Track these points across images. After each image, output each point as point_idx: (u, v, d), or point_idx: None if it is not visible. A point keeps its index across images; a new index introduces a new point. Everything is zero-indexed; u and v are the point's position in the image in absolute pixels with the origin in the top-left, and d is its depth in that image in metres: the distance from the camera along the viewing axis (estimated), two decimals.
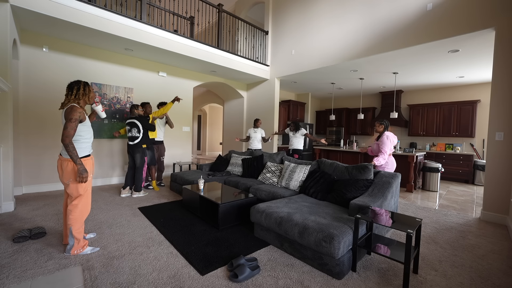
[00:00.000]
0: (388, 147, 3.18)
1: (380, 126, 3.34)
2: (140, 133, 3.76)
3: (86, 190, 2.04)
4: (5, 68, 2.87)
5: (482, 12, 3.19)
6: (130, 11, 6.48)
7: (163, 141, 4.64)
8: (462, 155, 5.85)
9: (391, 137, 3.27)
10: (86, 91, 2.07)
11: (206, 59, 4.85)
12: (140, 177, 3.77)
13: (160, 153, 4.59)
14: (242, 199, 2.80)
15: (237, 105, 7.24)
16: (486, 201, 3.19)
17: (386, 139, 3.21)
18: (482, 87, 6.06)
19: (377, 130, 3.37)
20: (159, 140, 4.55)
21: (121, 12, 3.82)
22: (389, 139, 3.23)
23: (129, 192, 3.85)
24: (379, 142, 3.28)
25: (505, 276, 1.89)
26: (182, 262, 1.95)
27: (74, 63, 4.15)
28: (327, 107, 9.24)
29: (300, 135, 5.16)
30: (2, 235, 2.31)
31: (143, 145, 3.80)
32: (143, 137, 3.80)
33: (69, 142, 1.86)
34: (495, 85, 3.12)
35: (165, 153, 4.71)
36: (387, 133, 3.28)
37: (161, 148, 4.59)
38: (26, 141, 3.80)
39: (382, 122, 3.32)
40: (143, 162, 3.79)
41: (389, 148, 3.20)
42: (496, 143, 3.12)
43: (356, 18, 4.45)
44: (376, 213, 2.01)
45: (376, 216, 1.94)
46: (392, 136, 3.28)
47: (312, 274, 1.84)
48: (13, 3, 2.89)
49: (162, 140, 4.61)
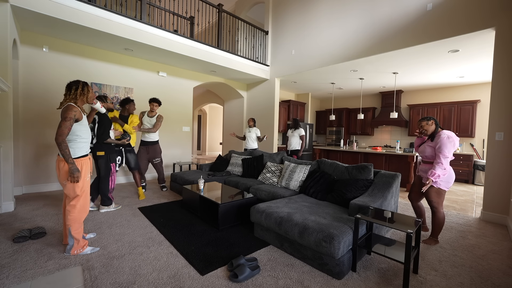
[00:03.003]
0: (450, 150, 2.25)
1: (430, 123, 2.43)
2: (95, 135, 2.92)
3: (83, 191, 2.04)
4: (5, 68, 2.86)
5: (482, 12, 3.19)
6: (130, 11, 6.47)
7: (156, 141, 4.06)
8: (462, 155, 5.85)
9: (453, 137, 2.29)
10: (85, 91, 2.07)
11: (206, 59, 4.85)
12: (104, 188, 3.00)
13: (153, 155, 4.02)
14: (242, 199, 2.79)
15: (237, 105, 7.24)
16: (486, 201, 3.19)
17: (447, 140, 2.26)
18: (482, 87, 6.06)
19: (426, 130, 2.44)
20: (151, 140, 3.99)
21: (121, 12, 3.82)
22: (451, 140, 2.27)
23: (95, 206, 3.12)
24: (436, 144, 2.34)
25: (505, 276, 1.89)
26: (182, 262, 1.95)
27: (74, 63, 4.15)
28: (327, 107, 9.24)
29: (298, 134, 5.17)
30: (2, 235, 2.31)
31: (98, 152, 2.91)
32: (97, 141, 2.93)
33: (62, 140, 1.85)
34: (495, 85, 3.12)
35: (161, 155, 4.14)
36: (447, 132, 2.32)
37: (152, 149, 4.02)
38: (26, 141, 3.80)
39: (430, 118, 2.45)
40: (108, 170, 2.98)
41: (451, 153, 2.27)
42: (496, 143, 3.12)
43: (356, 18, 4.45)
44: (376, 213, 2.01)
45: (376, 216, 1.94)
46: (455, 137, 2.31)
47: (312, 274, 1.84)
48: (13, 3, 2.89)
49: (153, 141, 4.02)
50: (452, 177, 2.37)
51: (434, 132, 2.42)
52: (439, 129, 2.41)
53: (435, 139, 2.37)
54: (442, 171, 2.25)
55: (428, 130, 2.44)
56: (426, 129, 2.44)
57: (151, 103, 3.95)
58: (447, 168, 2.28)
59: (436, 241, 2.42)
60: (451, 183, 2.37)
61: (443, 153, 2.25)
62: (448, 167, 2.29)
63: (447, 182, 2.35)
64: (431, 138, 2.44)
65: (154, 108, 3.96)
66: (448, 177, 2.34)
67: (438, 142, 2.32)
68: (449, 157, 2.26)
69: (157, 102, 3.99)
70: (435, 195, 2.37)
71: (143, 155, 4.00)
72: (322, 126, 8.98)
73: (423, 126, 2.46)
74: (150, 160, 4.07)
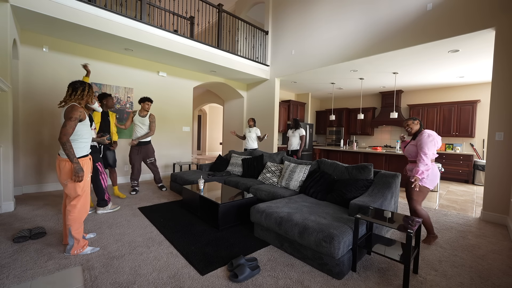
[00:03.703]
0: (430, 148, 2.32)
1: (416, 122, 2.54)
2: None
3: (84, 191, 2.04)
4: (5, 68, 2.86)
5: (482, 12, 3.19)
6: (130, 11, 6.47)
7: (149, 141, 4.00)
8: (462, 155, 5.85)
9: (434, 136, 2.38)
10: (90, 93, 2.09)
11: (206, 59, 4.85)
12: (98, 190, 2.94)
13: (145, 156, 3.96)
14: (242, 199, 2.79)
15: (237, 105, 7.24)
16: (486, 201, 3.19)
17: (427, 138, 2.35)
18: (482, 87, 6.06)
19: (411, 128, 2.55)
20: (143, 141, 3.93)
21: (121, 12, 3.82)
22: (432, 139, 2.35)
23: (91, 209, 3.07)
24: (417, 142, 2.43)
25: (505, 276, 1.89)
26: (182, 262, 1.95)
27: (74, 63, 4.14)
28: (327, 107, 9.24)
29: (298, 134, 5.17)
30: (2, 235, 2.31)
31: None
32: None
33: (66, 140, 1.86)
34: (495, 85, 3.12)
35: (154, 155, 4.05)
36: (428, 131, 2.43)
37: (144, 149, 3.94)
38: (26, 141, 3.80)
39: (416, 118, 2.56)
40: (95, 171, 2.91)
41: (432, 151, 2.34)
42: (496, 143, 3.12)
43: (356, 18, 4.45)
44: (376, 213, 2.01)
45: (376, 216, 1.94)
46: (436, 136, 2.40)
47: (312, 274, 1.84)
48: (13, 3, 2.89)
49: (146, 141, 3.96)
50: (437, 176, 2.43)
51: (417, 132, 2.54)
52: (422, 129, 2.51)
53: (417, 137, 2.48)
54: (424, 166, 2.32)
55: (413, 128, 2.56)
56: (411, 128, 2.56)
57: (145, 102, 3.90)
58: (429, 164, 2.33)
59: (435, 237, 2.46)
60: (435, 182, 2.42)
61: (423, 151, 2.34)
62: (430, 164, 2.34)
63: (432, 180, 2.40)
64: (414, 138, 2.57)
65: (148, 108, 3.92)
66: (432, 175, 2.39)
67: (419, 140, 2.42)
68: (428, 154, 2.32)
69: (150, 101, 3.94)
70: (415, 192, 2.41)
71: (136, 155, 3.92)
72: (322, 126, 8.98)
73: (409, 124, 2.57)
74: (144, 160, 4.00)
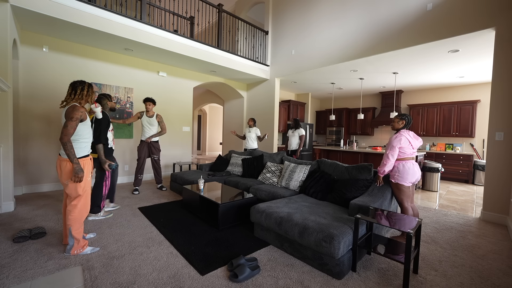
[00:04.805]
0: (392, 148, 2.43)
1: (400, 122, 2.53)
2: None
3: (85, 191, 2.04)
4: (5, 68, 2.86)
5: (482, 12, 3.19)
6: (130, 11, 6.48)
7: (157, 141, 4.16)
8: (462, 155, 5.85)
9: (401, 135, 2.45)
10: (90, 92, 2.09)
11: (206, 59, 4.85)
12: (96, 195, 2.80)
13: (152, 152, 4.10)
14: (242, 199, 2.79)
15: (237, 105, 7.24)
16: (486, 201, 3.19)
17: (394, 139, 2.45)
18: (482, 87, 6.06)
19: (394, 127, 2.58)
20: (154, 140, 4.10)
21: (121, 12, 3.82)
22: (398, 139, 2.44)
23: (116, 205, 3.25)
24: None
25: (505, 276, 1.89)
26: (182, 262, 1.95)
27: (74, 63, 4.15)
28: (327, 107, 9.24)
29: (298, 134, 5.17)
30: (2, 235, 2.31)
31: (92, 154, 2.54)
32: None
33: (68, 140, 1.86)
34: (495, 85, 3.12)
35: (159, 154, 4.18)
36: (401, 131, 2.49)
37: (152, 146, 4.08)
38: (26, 141, 3.80)
39: (403, 117, 2.53)
40: (102, 174, 2.84)
41: (395, 150, 2.42)
42: (496, 143, 3.12)
43: (356, 18, 4.45)
44: (376, 213, 2.01)
45: (376, 216, 1.94)
46: (407, 135, 2.46)
47: (312, 274, 1.84)
48: (13, 3, 2.89)
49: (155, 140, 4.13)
50: (409, 173, 2.41)
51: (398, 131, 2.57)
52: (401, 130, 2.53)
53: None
54: (385, 166, 2.44)
55: (394, 126, 2.59)
56: (393, 125, 2.59)
57: (147, 102, 3.97)
58: (392, 162, 2.43)
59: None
60: (409, 178, 2.41)
61: (386, 149, 2.52)
62: (393, 161, 2.43)
63: (403, 177, 2.41)
64: None
65: (149, 107, 3.98)
66: (403, 172, 2.41)
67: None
68: (390, 152, 2.43)
69: (152, 102, 4.01)
70: (395, 190, 2.48)
71: (144, 150, 4.05)
72: (322, 126, 8.98)
73: (394, 121, 2.60)
74: (151, 156, 4.12)
